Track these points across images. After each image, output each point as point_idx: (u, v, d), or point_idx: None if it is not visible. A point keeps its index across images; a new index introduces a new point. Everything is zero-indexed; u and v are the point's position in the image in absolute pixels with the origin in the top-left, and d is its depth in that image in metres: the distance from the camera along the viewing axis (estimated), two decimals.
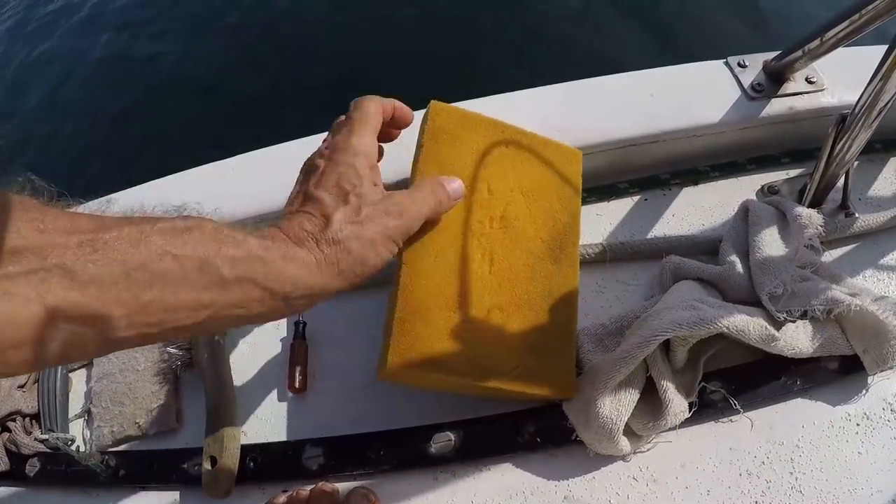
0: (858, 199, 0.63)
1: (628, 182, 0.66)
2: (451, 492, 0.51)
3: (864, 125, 0.53)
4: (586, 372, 0.51)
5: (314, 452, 0.53)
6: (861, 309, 0.49)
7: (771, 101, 0.65)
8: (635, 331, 0.50)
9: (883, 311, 0.49)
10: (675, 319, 0.47)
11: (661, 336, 0.47)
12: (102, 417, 0.57)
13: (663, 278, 0.57)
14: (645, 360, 0.49)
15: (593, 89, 0.68)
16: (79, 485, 0.55)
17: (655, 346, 0.47)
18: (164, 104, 2.27)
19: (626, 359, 0.47)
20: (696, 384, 0.51)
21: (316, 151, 0.46)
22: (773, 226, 0.56)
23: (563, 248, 0.54)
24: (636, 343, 0.47)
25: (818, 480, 0.48)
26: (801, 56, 0.63)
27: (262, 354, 0.60)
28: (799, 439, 0.50)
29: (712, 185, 0.66)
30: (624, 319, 0.55)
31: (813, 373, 0.52)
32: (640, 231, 0.64)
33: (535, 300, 0.51)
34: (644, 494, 0.49)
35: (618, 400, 0.48)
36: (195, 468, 0.53)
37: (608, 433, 0.47)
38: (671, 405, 0.48)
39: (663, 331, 0.47)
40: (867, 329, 0.51)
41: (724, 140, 0.66)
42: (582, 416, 0.49)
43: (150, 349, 0.60)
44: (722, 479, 0.49)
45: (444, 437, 0.51)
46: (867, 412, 0.51)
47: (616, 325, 0.55)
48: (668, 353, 0.50)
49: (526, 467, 0.51)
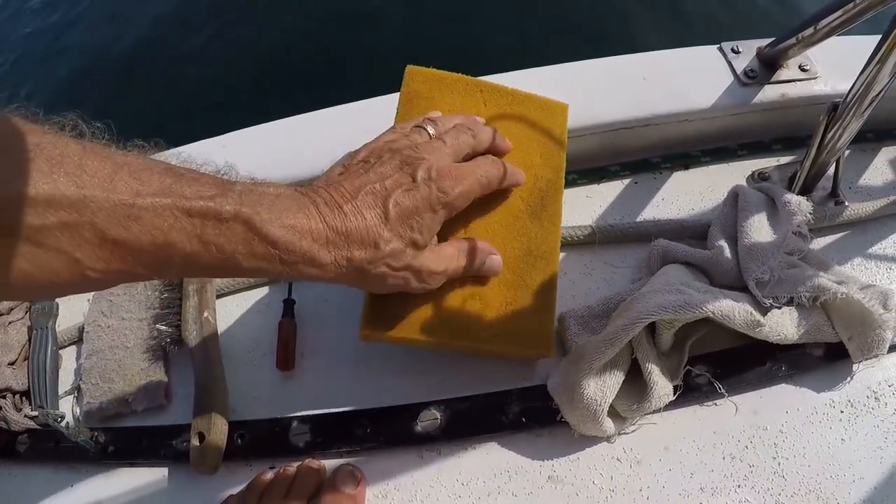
0: (848, 187, 0.63)
1: (619, 165, 0.66)
2: (437, 470, 0.51)
3: (856, 114, 0.53)
4: (571, 353, 0.52)
5: (301, 430, 0.53)
6: (847, 297, 0.49)
7: (764, 88, 0.65)
8: (622, 313, 0.50)
9: (869, 300, 0.50)
10: (660, 303, 0.47)
11: (646, 319, 0.47)
12: (92, 394, 0.58)
13: (651, 262, 0.58)
14: (630, 342, 0.49)
15: (585, 71, 0.68)
16: (68, 461, 0.55)
17: (641, 329, 0.47)
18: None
19: (611, 340, 0.47)
20: (681, 367, 0.51)
21: (422, 150, 0.44)
22: (762, 212, 0.56)
23: (544, 206, 0.53)
24: (621, 325, 0.48)
25: (801, 466, 0.49)
26: (795, 43, 0.62)
27: (250, 332, 0.60)
28: (783, 424, 0.50)
29: (703, 170, 0.66)
30: (610, 302, 0.55)
31: (798, 359, 0.52)
32: (629, 214, 0.64)
33: (512, 258, 0.51)
34: (627, 476, 0.49)
35: (602, 381, 0.48)
36: (183, 444, 0.53)
37: (592, 414, 0.48)
38: (655, 388, 0.48)
39: (648, 313, 0.47)
40: (853, 317, 0.51)
41: (715, 125, 0.66)
42: (567, 396, 0.49)
43: (139, 326, 0.60)
44: (705, 462, 0.49)
45: (430, 415, 0.52)
46: (851, 399, 0.51)
47: (602, 307, 0.55)
48: (653, 336, 0.51)
49: (511, 447, 0.51)
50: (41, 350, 0.59)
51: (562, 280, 0.59)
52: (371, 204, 0.40)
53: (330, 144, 0.60)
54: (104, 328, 0.61)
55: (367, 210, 0.40)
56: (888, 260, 0.59)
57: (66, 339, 0.62)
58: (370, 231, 0.40)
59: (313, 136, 0.66)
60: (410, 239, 0.42)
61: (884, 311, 0.50)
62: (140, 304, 0.61)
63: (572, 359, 0.51)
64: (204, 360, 0.56)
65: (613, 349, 0.47)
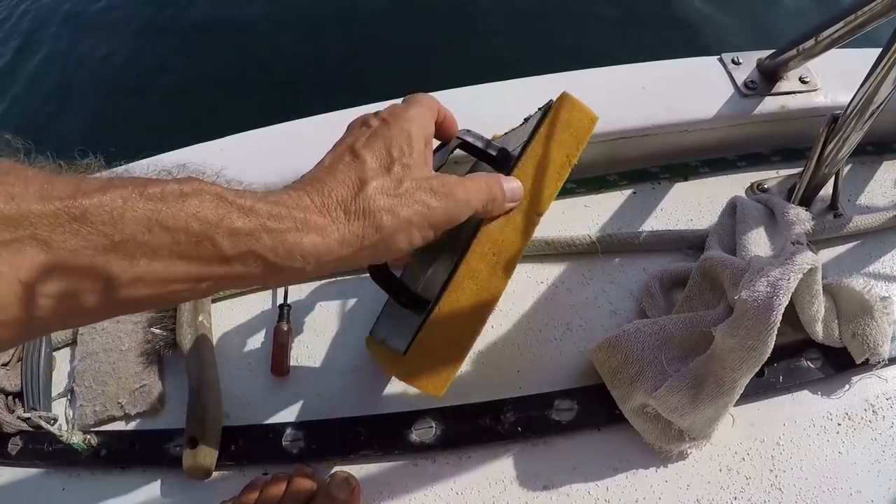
0: (847, 200, 0.64)
1: (618, 174, 0.66)
2: (432, 479, 0.51)
3: (856, 127, 0.53)
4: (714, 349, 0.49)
5: (295, 436, 0.53)
6: (848, 285, 0.50)
7: (764, 99, 0.66)
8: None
9: (868, 291, 0.50)
10: (786, 269, 0.46)
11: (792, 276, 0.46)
12: (85, 397, 0.57)
13: (652, 292, 0.57)
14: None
15: (585, 80, 0.68)
16: (61, 464, 0.55)
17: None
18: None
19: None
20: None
21: (370, 113, 0.41)
22: (761, 223, 0.56)
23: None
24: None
25: (798, 479, 0.48)
26: (796, 55, 0.63)
27: (245, 337, 0.60)
28: (780, 437, 0.50)
29: (702, 181, 0.66)
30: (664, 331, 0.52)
31: (795, 371, 0.52)
32: (628, 224, 0.64)
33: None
34: (623, 487, 0.49)
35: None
36: (177, 449, 0.53)
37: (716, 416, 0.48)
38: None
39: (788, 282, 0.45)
40: (855, 309, 0.51)
41: (715, 136, 0.66)
42: (690, 392, 0.47)
43: (134, 329, 0.60)
44: (702, 474, 0.49)
45: (426, 423, 0.52)
46: (848, 412, 0.51)
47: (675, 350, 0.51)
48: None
49: (507, 456, 0.51)
50: (35, 352, 0.59)
51: (559, 289, 0.59)
52: (343, 167, 0.37)
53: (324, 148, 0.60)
54: (98, 331, 0.60)
55: (342, 168, 0.36)
56: (887, 273, 0.59)
57: (60, 341, 0.62)
58: (350, 174, 0.36)
59: (311, 141, 0.66)
60: (401, 164, 0.37)
61: (883, 307, 0.50)
62: None
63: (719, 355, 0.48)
64: (198, 365, 0.55)
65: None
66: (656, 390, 0.48)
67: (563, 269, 0.60)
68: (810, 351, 0.53)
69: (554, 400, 0.52)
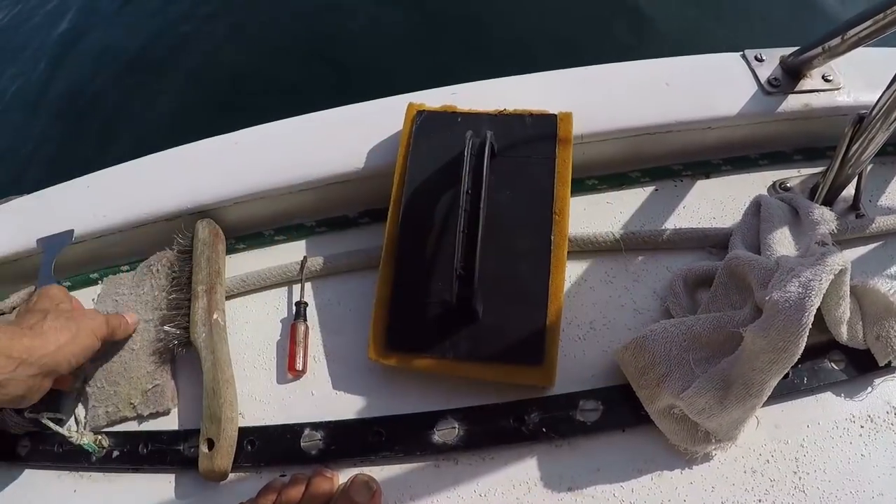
0: (869, 200, 0.63)
1: (640, 171, 0.65)
2: (454, 481, 0.50)
3: (882, 127, 0.52)
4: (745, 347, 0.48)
5: (313, 437, 0.52)
6: (874, 287, 0.49)
7: (787, 98, 0.65)
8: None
9: (893, 293, 0.49)
10: (818, 270, 0.46)
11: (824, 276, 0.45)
12: (97, 397, 0.56)
13: (677, 291, 0.56)
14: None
15: (608, 75, 0.67)
16: (71, 465, 0.54)
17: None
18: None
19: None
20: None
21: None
22: (785, 222, 0.56)
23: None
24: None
25: (821, 481, 0.48)
26: (820, 53, 0.62)
27: (261, 335, 0.59)
28: (804, 439, 0.50)
29: (724, 179, 0.66)
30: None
31: (819, 372, 0.52)
32: (650, 221, 0.63)
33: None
34: (648, 489, 0.48)
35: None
36: (191, 450, 0.52)
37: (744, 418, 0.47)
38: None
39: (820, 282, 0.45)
40: (879, 310, 0.50)
41: (737, 134, 0.66)
42: (718, 393, 0.47)
43: (145, 328, 0.58)
44: (727, 476, 0.49)
45: (449, 424, 0.51)
46: (871, 414, 0.51)
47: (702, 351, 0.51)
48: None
49: (530, 457, 0.50)
50: None
51: (582, 287, 0.58)
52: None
53: (338, 143, 0.60)
54: None
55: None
56: None
57: None
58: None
59: (323, 135, 0.64)
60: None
61: None
62: (147, 305, 0.59)
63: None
64: (213, 363, 0.54)
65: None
66: (684, 391, 0.47)
67: (585, 266, 0.60)
68: (834, 352, 0.52)
69: (579, 400, 0.51)
